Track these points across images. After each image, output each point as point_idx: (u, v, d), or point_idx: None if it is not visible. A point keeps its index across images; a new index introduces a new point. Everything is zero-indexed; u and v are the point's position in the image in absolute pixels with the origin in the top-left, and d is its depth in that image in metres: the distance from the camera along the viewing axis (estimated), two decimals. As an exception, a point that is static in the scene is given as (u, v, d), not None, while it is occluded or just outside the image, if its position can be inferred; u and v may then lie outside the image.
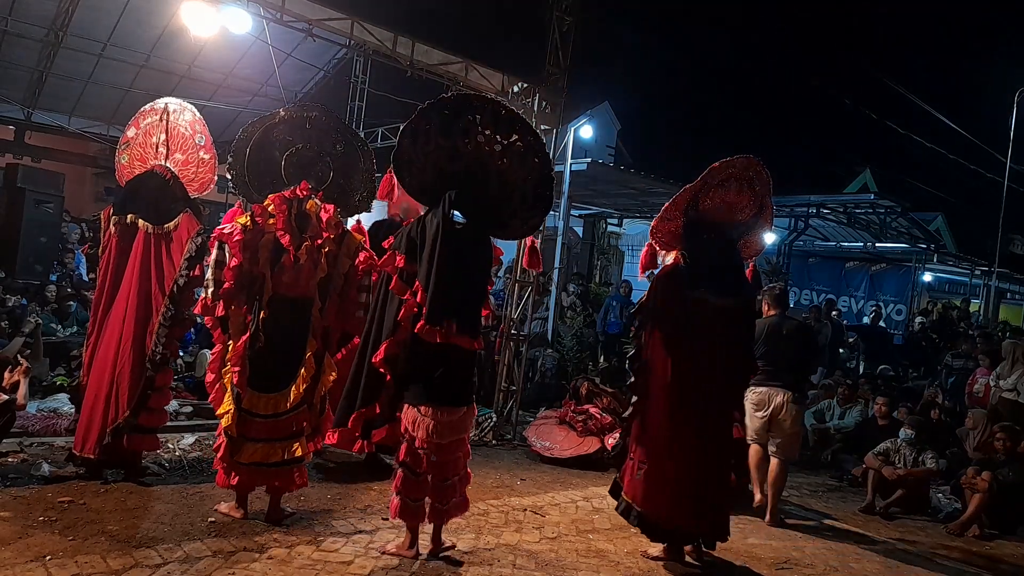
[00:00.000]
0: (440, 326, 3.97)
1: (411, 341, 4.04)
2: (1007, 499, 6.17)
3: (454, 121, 4.10)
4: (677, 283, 4.50)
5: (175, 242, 5.01)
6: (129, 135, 5.34)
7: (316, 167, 4.73)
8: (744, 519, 5.78)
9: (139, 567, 3.68)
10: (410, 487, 4.09)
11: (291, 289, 4.46)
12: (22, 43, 10.63)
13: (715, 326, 4.52)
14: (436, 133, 4.09)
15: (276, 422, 4.43)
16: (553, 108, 8.17)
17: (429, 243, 4.04)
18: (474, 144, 4.13)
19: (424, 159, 4.14)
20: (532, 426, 7.49)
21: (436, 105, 4.11)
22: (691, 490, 4.41)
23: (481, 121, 4.11)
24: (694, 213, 4.55)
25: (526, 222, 4.36)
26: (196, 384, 7.31)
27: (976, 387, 8.72)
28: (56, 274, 9.60)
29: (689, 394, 4.43)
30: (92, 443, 4.86)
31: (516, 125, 4.16)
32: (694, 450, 4.42)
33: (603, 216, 16.43)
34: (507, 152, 4.16)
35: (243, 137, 4.73)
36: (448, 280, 4.00)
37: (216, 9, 7.39)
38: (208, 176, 5.17)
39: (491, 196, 4.21)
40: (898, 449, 6.77)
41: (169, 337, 4.96)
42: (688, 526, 4.50)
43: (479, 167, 4.16)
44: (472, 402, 4.25)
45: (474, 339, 4.16)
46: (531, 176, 4.21)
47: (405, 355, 4.08)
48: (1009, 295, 21.24)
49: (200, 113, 5.24)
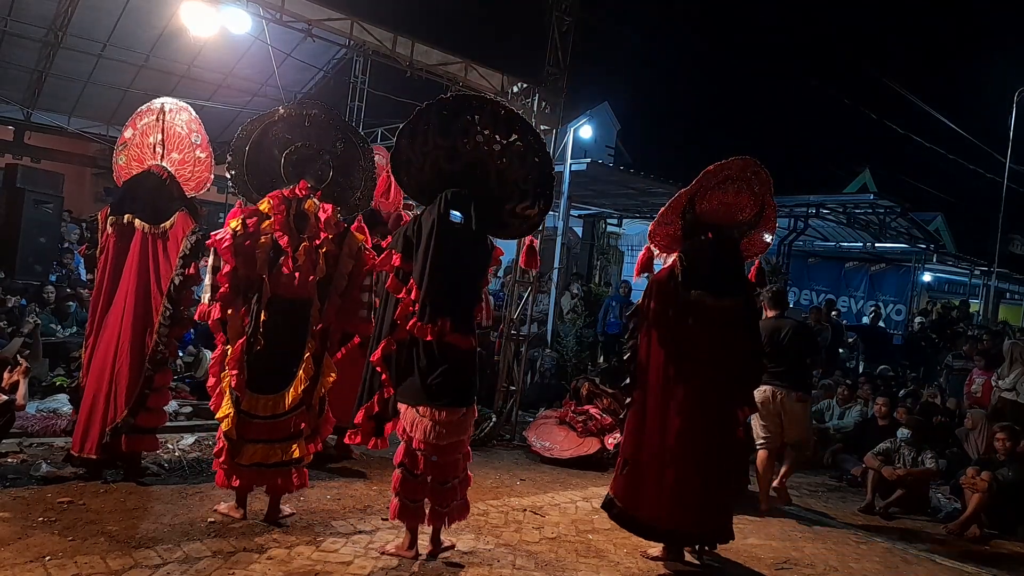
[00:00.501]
0: (434, 324, 3.96)
1: (408, 340, 4.04)
2: (1007, 499, 6.17)
3: (453, 121, 4.10)
4: (672, 286, 4.51)
5: (171, 241, 5.00)
6: (126, 136, 5.33)
7: (315, 165, 4.67)
8: (744, 519, 5.78)
9: (139, 567, 3.67)
10: (409, 488, 4.08)
11: (289, 290, 4.44)
12: (22, 43, 10.62)
13: (715, 327, 4.51)
14: (435, 133, 4.09)
15: (275, 423, 4.42)
16: (553, 108, 8.18)
17: (424, 241, 4.03)
18: (473, 144, 4.13)
19: (422, 159, 4.14)
20: (532, 426, 7.49)
21: (435, 105, 4.11)
22: (692, 492, 4.38)
23: (480, 121, 4.11)
24: (692, 215, 4.56)
25: (526, 221, 4.36)
26: (196, 384, 7.31)
27: (974, 387, 8.73)
28: (56, 274, 9.60)
29: (687, 396, 4.42)
30: (92, 443, 4.86)
31: (516, 125, 4.17)
32: (695, 452, 4.40)
33: (603, 216, 16.43)
34: (507, 152, 4.16)
35: (242, 136, 4.68)
36: (442, 278, 3.99)
37: (215, 9, 7.40)
38: (205, 175, 5.16)
39: (491, 195, 4.21)
40: (897, 449, 6.77)
41: (169, 336, 4.97)
42: (687, 528, 4.48)
43: (478, 167, 4.16)
44: (472, 403, 4.21)
45: (469, 337, 4.13)
46: (531, 175, 4.22)
47: (403, 354, 4.06)
48: (1008, 295, 21.25)
49: (199, 113, 5.24)
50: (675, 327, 4.48)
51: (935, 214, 21.68)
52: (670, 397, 4.43)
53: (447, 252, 4.02)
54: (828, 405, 8.73)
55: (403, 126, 4.15)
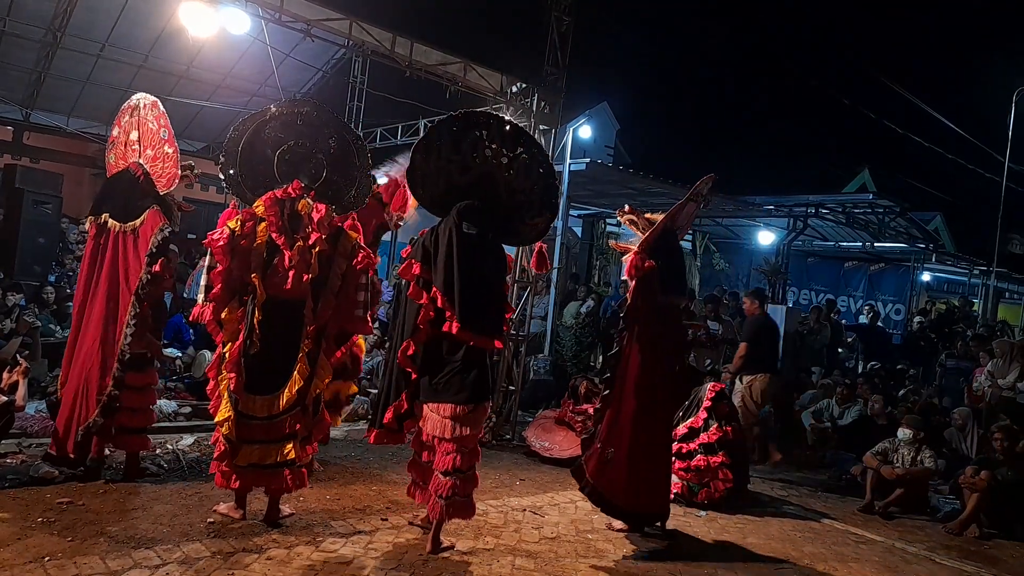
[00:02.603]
0: (472, 329, 4.23)
1: (426, 342, 4.34)
2: (1006, 499, 6.17)
3: (463, 137, 4.45)
4: (653, 287, 4.93)
5: (141, 239, 4.97)
6: (114, 134, 5.33)
7: (309, 165, 4.62)
8: (744, 519, 5.80)
9: (138, 568, 3.67)
10: (418, 471, 4.60)
11: (283, 291, 4.41)
12: (20, 43, 10.62)
13: (675, 324, 5.18)
14: (447, 148, 4.44)
15: (271, 424, 4.41)
16: (552, 108, 8.17)
17: (443, 251, 4.30)
18: (482, 157, 4.48)
19: (436, 173, 4.48)
20: (531, 426, 7.49)
21: (446, 122, 4.48)
22: (658, 481, 5.00)
23: (488, 136, 4.46)
24: (671, 224, 5.08)
25: (534, 229, 4.69)
26: (194, 385, 7.30)
27: (975, 385, 8.73)
28: (55, 275, 9.60)
29: (657, 391, 4.92)
30: (70, 443, 4.87)
31: (521, 139, 4.54)
32: (663, 442, 5.11)
33: (602, 216, 16.42)
34: (513, 164, 4.50)
35: (234, 136, 4.64)
36: (469, 285, 4.25)
37: (214, 9, 7.39)
38: (172, 171, 5.06)
39: (500, 205, 4.55)
40: (896, 448, 6.77)
41: (137, 336, 4.90)
42: (653, 510, 5.01)
43: (488, 179, 4.51)
44: (484, 400, 4.40)
45: (497, 339, 4.46)
46: (537, 186, 4.57)
47: (422, 355, 4.36)
48: (1008, 294, 21.25)
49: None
50: (653, 325, 4.94)
51: (934, 214, 21.66)
52: (642, 391, 4.86)
53: (468, 260, 4.28)
54: (827, 404, 8.72)
55: (417, 143, 4.50)
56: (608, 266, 16.41)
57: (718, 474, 5.99)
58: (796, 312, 12.14)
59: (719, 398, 6.35)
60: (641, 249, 4.97)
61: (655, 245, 4.97)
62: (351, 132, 4.88)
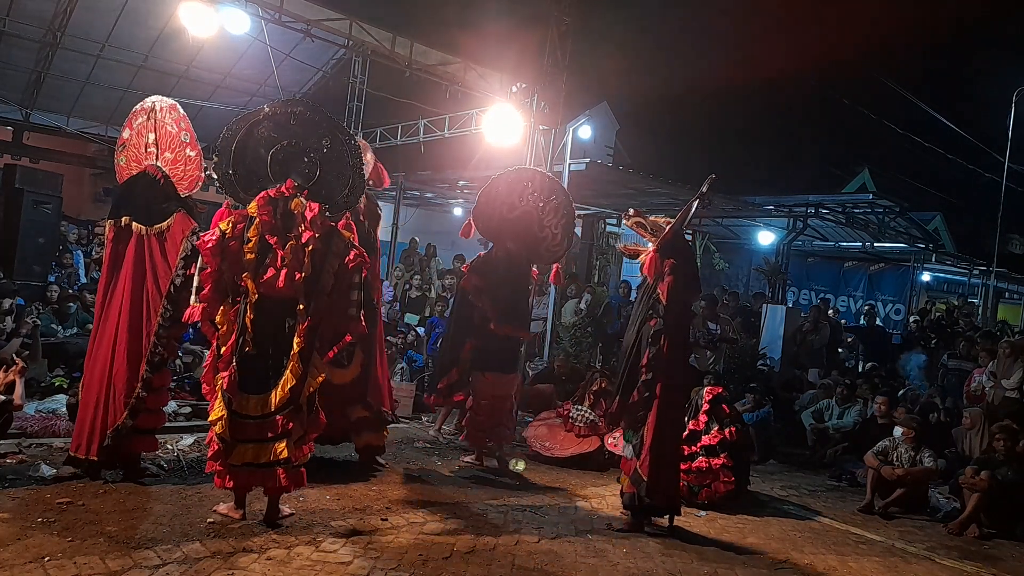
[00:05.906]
0: (504, 324, 6.34)
1: (480, 333, 6.39)
2: (1006, 499, 6.17)
3: (515, 186, 6.56)
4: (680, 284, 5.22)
5: (169, 242, 4.98)
6: (125, 136, 5.31)
7: (302, 164, 4.61)
8: (744, 519, 5.79)
9: (138, 568, 3.67)
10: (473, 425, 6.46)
11: (276, 290, 4.41)
12: (20, 44, 10.63)
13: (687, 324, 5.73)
14: (503, 194, 6.50)
15: (264, 423, 4.41)
16: (552, 108, 8.19)
17: (491, 269, 6.45)
18: (526, 201, 6.55)
19: (492, 211, 6.52)
20: (531, 426, 7.48)
21: (504, 175, 6.59)
22: (676, 471, 5.36)
23: (532, 186, 6.58)
24: (681, 224, 5.36)
25: (555, 253, 6.77)
26: (195, 385, 7.29)
27: (973, 385, 8.71)
28: (55, 275, 9.60)
29: (678, 389, 5.30)
30: (94, 445, 4.86)
31: (556, 188, 6.80)
32: (679, 437, 5.55)
33: (602, 216, 16.40)
34: (547, 206, 6.61)
35: (227, 136, 4.62)
36: (502, 294, 6.37)
37: (214, 9, 7.40)
38: (196, 173, 5.09)
39: (534, 236, 6.60)
40: (896, 448, 6.77)
41: (168, 338, 4.95)
42: (676, 503, 5.28)
43: (527, 216, 6.58)
44: (517, 371, 6.57)
45: (524, 330, 6.70)
46: (561, 222, 6.69)
47: (476, 343, 6.41)
48: (1007, 294, 21.25)
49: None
50: (684, 322, 5.38)
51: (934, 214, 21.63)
52: (674, 390, 5.20)
53: (501, 274, 6.43)
54: (827, 405, 8.72)
55: (483, 189, 6.55)
56: (608, 266, 16.39)
57: (720, 476, 6.00)
58: (796, 312, 12.15)
59: (718, 401, 6.37)
60: (658, 248, 5.20)
61: (672, 244, 5.21)
62: (344, 132, 4.85)
